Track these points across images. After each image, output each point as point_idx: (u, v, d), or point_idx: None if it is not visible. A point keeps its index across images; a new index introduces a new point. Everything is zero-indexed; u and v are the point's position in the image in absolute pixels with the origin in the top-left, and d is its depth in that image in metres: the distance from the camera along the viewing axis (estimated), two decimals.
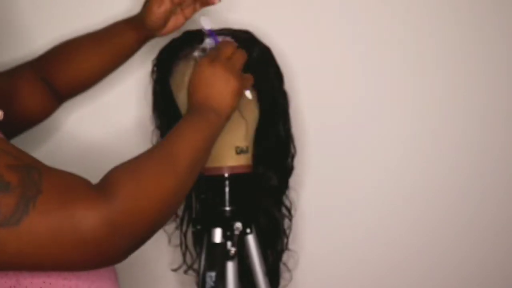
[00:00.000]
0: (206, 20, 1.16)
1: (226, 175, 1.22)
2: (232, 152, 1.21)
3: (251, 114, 1.22)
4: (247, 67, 1.17)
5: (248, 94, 1.13)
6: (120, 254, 0.88)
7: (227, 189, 1.25)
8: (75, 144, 1.40)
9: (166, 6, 1.18)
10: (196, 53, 1.18)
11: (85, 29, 1.28)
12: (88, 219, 0.83)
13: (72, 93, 1.27)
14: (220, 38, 1.16)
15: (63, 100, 1.27)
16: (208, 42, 1.17)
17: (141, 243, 0.91)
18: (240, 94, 1.09)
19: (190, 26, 1.24)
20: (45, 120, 1.25)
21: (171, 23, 1.21)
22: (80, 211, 0.82)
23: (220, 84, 1.06)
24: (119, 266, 0.95)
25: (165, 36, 1.24)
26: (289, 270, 1.42)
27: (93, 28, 1.28)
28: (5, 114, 1.03)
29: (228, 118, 1.07)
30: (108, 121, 1.40)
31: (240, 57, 1.10)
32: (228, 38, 1.16)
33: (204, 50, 1.19)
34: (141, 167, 0.91)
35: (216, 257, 1.23)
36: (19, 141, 1.08)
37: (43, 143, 1.37)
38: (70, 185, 0.85)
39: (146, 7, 1.20)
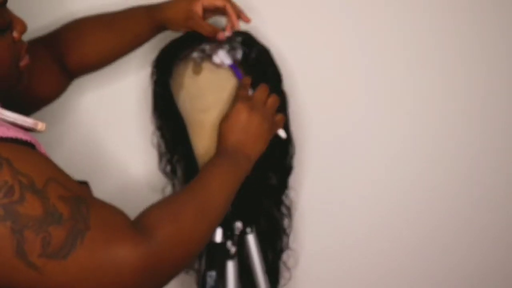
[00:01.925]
0: (225, 54, 1.17)
1: None
2: None
3: None
4: (246, 68, 1.18)
5: (281, 133, 1.19)
6: None
7: None
8: (75, 144, 1.41)
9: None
10: (195, 54, 1.19)
11: (102, 7, 1.27)
12: (128, 259, 0.85)
13: (81, 72, 1.26)
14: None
15: (73, 78, 1.26)
16: (220, 57, 1.17)
17: (169, 281, 0.94)
18: (270, 139, 1.14)
19: None
20: (56, 99, 1.24)
21: (190, 23, 1.20)
22: (123, 251, 0.85)
23: (256, 132, 1.11)
24: None
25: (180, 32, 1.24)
26: (288, 269, 1.43)
27: (109, 7, 1.26)
28: (18, 92, 1.04)
29: (255, 161, 1.12)
30: (109, 122, 1.41)
31: (274, 103, 1.15)
32: (248, 78, 1.17)
33: (203, 51, 1.19)
34: (179, 213, 0.95)
35: (216, 257, 1.24)
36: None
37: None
38: (114, 223, 0.87)
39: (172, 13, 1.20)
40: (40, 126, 0.93)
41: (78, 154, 1.40)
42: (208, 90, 1.18)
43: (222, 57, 1.17)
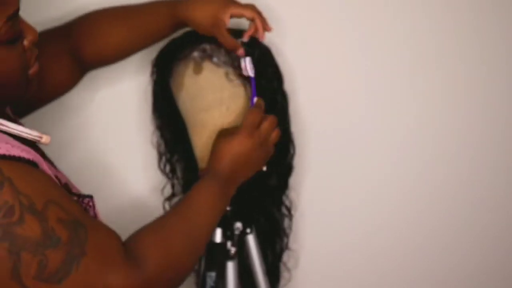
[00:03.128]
0: (251, 65, 1.16)
1: None
2: None
3: None
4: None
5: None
6: None
7: None
8: (74, 143, 1.40)
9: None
10: (195, 54, 1.18)
11: (115, 2, 1.25)
12: (120, 286, 0.86)
13: (96, 65, 1.25)
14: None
15: (86, 71, 1.25)
16: (247, 64, 1.16)
17: None
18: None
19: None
20: (68, 91, 1.23)
21: (215, 31, 1.17)
22: (115, 279, 0.86)
23: (252, 164, 1.13)
24: None
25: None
26: (288, 270, 1.43)
27: (123, 1, 1.24)
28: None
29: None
30: (108, 121, 1.40)
31: (276, 137, 1.17)
32: (261, 100, 1.17)
33: (203, 50, 1.18)
34: (168, 238, 0.95)
35: (216, 257, 1.24)
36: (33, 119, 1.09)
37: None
38: (109, 248, 0.88)
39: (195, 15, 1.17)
40: (45, 139, 0.94)
41: (77, 154, 1.39)
42: (208, 89, 1.18)
43: (248, 66, 1.16)
